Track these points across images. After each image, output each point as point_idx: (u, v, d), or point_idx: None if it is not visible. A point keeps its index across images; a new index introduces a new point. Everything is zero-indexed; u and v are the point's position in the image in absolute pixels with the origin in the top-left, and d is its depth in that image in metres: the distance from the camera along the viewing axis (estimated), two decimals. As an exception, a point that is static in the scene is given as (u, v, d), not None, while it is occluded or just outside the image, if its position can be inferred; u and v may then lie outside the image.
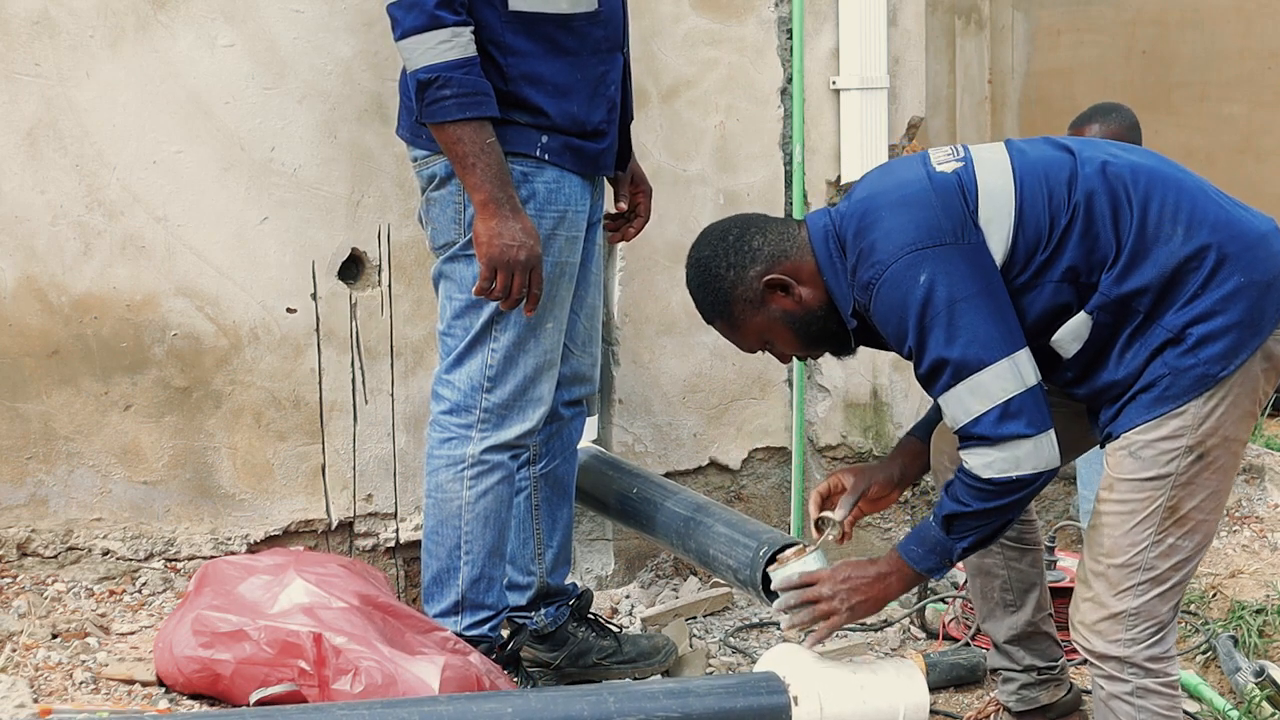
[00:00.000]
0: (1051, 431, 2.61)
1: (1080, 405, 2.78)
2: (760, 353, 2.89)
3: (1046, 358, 2.68)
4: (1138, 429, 2.63)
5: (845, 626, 3.98)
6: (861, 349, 2.88)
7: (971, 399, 2.58)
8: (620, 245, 3.93)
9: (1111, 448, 2.68)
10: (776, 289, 2.74)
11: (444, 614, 3.17)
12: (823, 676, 2.74)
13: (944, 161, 2.69)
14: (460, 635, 3.12)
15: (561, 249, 3.12)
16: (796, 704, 2.70)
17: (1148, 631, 2.68)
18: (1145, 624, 2.68)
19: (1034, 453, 2.58)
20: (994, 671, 3.23)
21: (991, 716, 3.29)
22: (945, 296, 2.57)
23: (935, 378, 2.62)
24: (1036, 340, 2.65)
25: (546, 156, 3.07)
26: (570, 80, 3.07)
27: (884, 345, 2.79)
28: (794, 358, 2.93)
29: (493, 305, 3.07)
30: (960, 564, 3.24)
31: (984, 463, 2.60)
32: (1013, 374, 2.57)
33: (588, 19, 3.09)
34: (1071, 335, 2.66)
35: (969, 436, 2.61)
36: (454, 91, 2.92)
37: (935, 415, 2.96)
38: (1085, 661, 2.78)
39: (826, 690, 2.72)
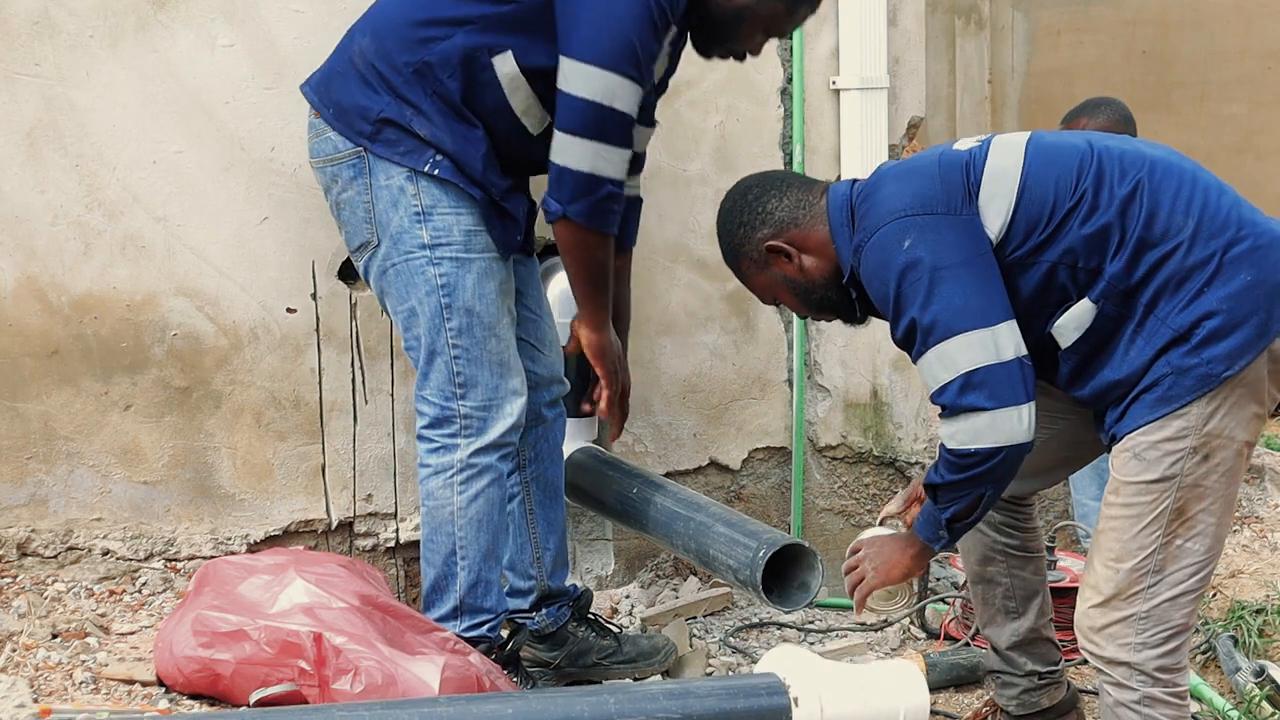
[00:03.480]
0: (1021, 408, 2.58)
1: (1088, 411, 2.77)
2: (777, 308, 3.00)
3: (1045, 350, 2.68)
4: (1141, 430, 2.62)
5: (854, 622, 4.01)
6: (864, 332, 2.95)
7: (939, 366, 2.59)
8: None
9: (1116, 450, 2.67)
10: (779, 254, 2.81)
11: (443, 619, 3.17)
12: (823, 677, 2.73)
13: (964, 143, 2.76)
14: (460, 637, 3.12)
15: (483, 246, 3.13)
16: (797, 705, 2.70)
17: (1159, 636, 2.66)
18: (1156, 628, 2.65)
19: (991, 427, 2.57)
20: (993, 674, 3.23)
21: (989, 717, 3.28)
22: (927, 262, 2.59)
23: (909, 342, 2.64)
24: (1031, 323, 2.65)
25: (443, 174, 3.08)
26: (510, 167, 3.13)
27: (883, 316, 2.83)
28: (806, 318, 2.99)
29: (431, 314, 3.09)
30: (962, 568, 3.25)
31: (948, 433, 2.62)
32: (984, 346, 2.56)
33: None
34: (1073, 322, 2.65)
35: (938, 406, 2.64)
36: (619, 207, 3.05)
37: None
38: (1086, 662, 2.77)
39: (827, 691, 2.71)
